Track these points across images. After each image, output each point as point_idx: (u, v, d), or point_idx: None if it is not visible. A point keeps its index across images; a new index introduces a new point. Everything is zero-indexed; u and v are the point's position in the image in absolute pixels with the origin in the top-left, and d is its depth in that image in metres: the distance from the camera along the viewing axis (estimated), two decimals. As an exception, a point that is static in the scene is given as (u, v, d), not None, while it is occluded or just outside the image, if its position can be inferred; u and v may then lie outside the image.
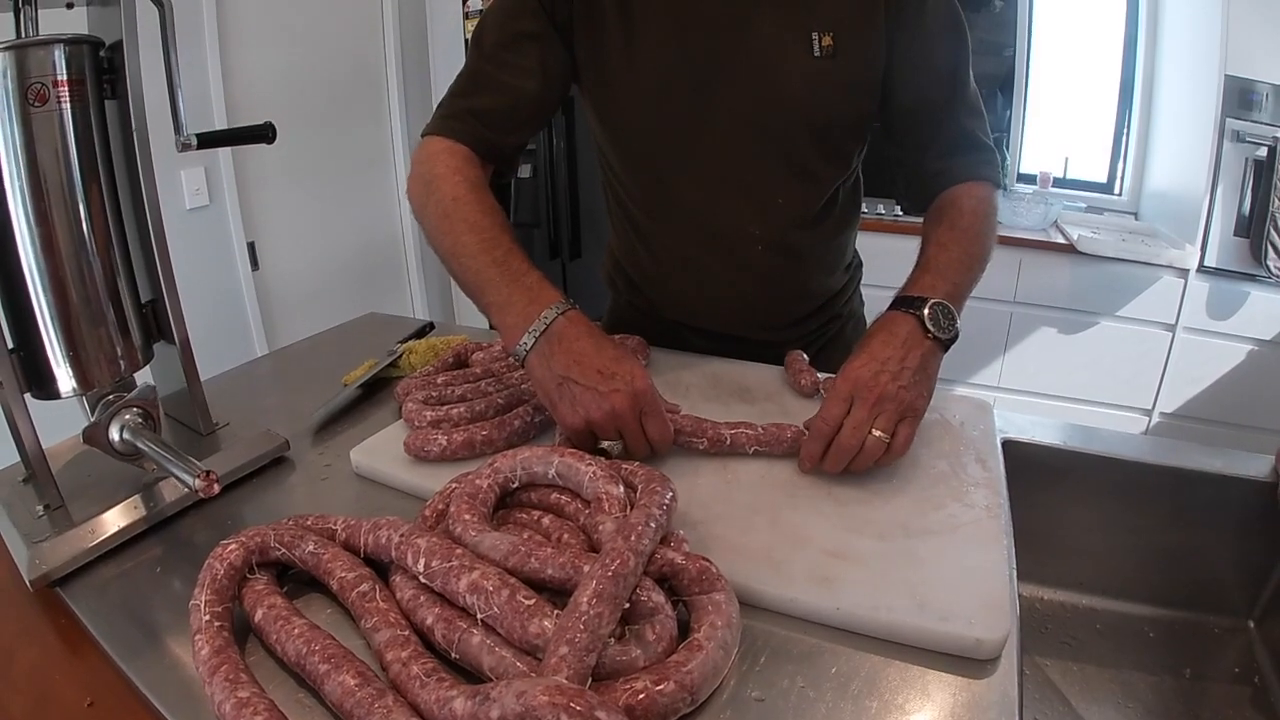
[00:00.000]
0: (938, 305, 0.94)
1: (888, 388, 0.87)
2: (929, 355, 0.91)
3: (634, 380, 0.85)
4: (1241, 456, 1.04)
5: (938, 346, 0.93)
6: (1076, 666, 1.03)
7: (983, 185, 1.12)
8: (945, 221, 1.07)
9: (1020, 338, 3.17)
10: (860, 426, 0.85)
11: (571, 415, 0.86)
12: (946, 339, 0.93)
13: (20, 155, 0.78)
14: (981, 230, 1.07)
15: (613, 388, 0.84)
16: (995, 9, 3.35)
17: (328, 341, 1.44)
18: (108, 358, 0.88)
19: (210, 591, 0.64)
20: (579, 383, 0.85)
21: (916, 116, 1.13)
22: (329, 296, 3.47)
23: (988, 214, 1.10)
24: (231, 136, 1.04)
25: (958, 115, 1.12)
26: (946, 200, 1.11)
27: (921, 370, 0.90)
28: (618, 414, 0.84)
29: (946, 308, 0.94)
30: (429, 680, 0.54)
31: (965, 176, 1.12)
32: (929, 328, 0.92)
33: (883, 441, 0.85)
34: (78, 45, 0.81)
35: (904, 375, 0.88)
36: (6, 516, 0.83)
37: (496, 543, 0.65)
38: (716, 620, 0.60)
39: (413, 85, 3.76)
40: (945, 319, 0.93)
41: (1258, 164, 2.73)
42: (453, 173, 1.02)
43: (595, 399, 0.84)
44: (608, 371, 0.85)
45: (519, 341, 0.89)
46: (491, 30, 1.10)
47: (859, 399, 0.86)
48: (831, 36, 1.05)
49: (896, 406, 0.86)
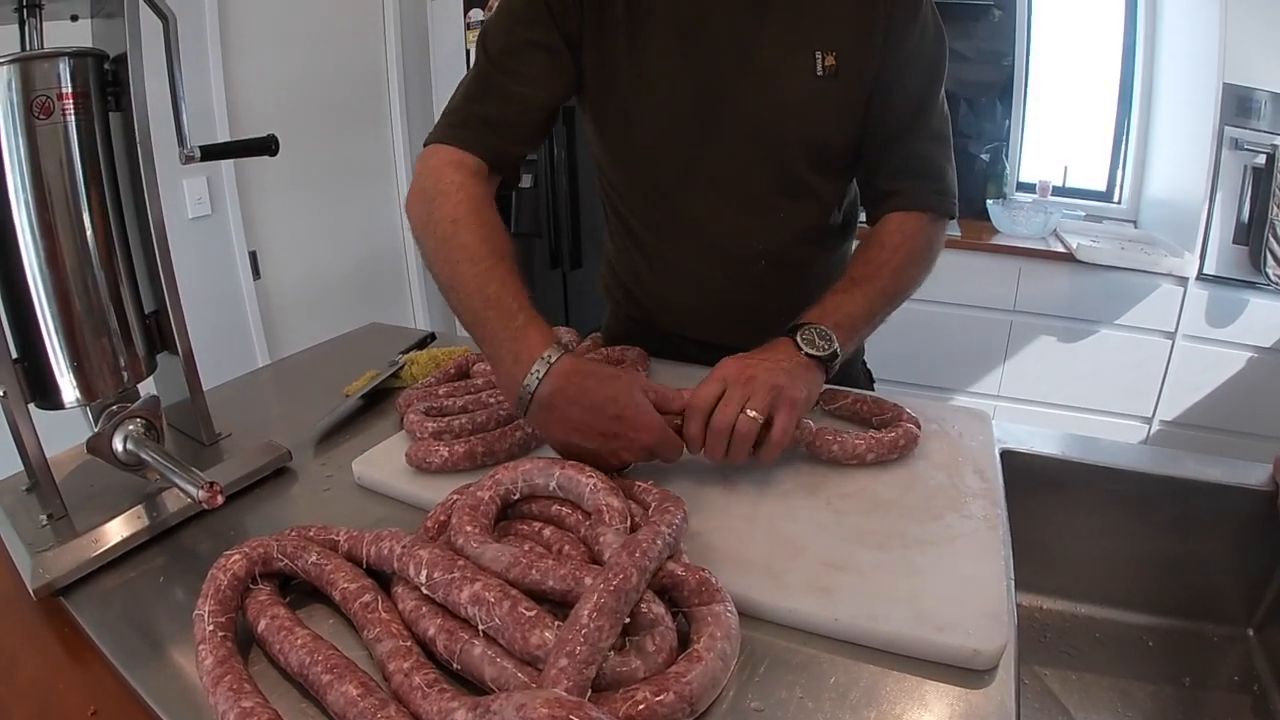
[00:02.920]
0: (812, 328, 0.96)
1: (758, 374, 0.88)
2: (803, 365, 0.93)
3: (639, 433, 0.85)
4: (1240, 465, 1.05)
5: (813, 362, 0.94)
6: (1076, 676, 1.03)
7: (918, 216, 1.13)
8: (865, 257, 1.10)
9: (1020, 346, 3.17)
10: (731, 404, 0.85)
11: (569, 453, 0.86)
12: (821, 355, 0.94)
13: (25, 167, 0.78)
14: (903, 266, 1.08)
15: (619, 446, 0.85)
16: (994, 18, 3.36)
17: (329, 352, 1.45)
18: (111, 368, 0.88)
19: (214, 601, 0.65)
20: (585, 447, 0.84)
21: (875, 137, 1.13)
22: (330, 306, 3.47)
23: (915, 248, 1.11)
24: (235, 149, 1.04)
25: (915, 140, 1.12)
26: (876, 232, 1.13)
27: (794, 373, 0.91)
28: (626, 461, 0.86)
29: (823, 330, 0.96)
30: (431, 691, 0.55)
31: (907, 205, 1.13)
32: (800, 344, 0.94)
33: (756, 422, 0.84)
34: (82, 58, 0.82)
35: (776, 370, 0.89)
36: (10, 525, 0.83)
37: (498, 554, 0.66)
38: (716, 631, 0.61)
39: (414, 96, 3.76)
40: (821, 339, 0.95)
41: (1256, 171, 2.73)
42: (456, 189, 1.00)
43: (603, 460, 0.84)
44: (609, 432, 0.84)
45: (516, 399, 0.87)
46: (499, 35, 1.08)
47: (730, 381, 0.87)
48: (834, 56, 1.06)
49: (768, 391, 0.86)
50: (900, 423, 0.96)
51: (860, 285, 1.05)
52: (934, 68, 1.10)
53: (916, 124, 1.11)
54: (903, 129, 1.12)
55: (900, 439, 0.93)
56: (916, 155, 1.13)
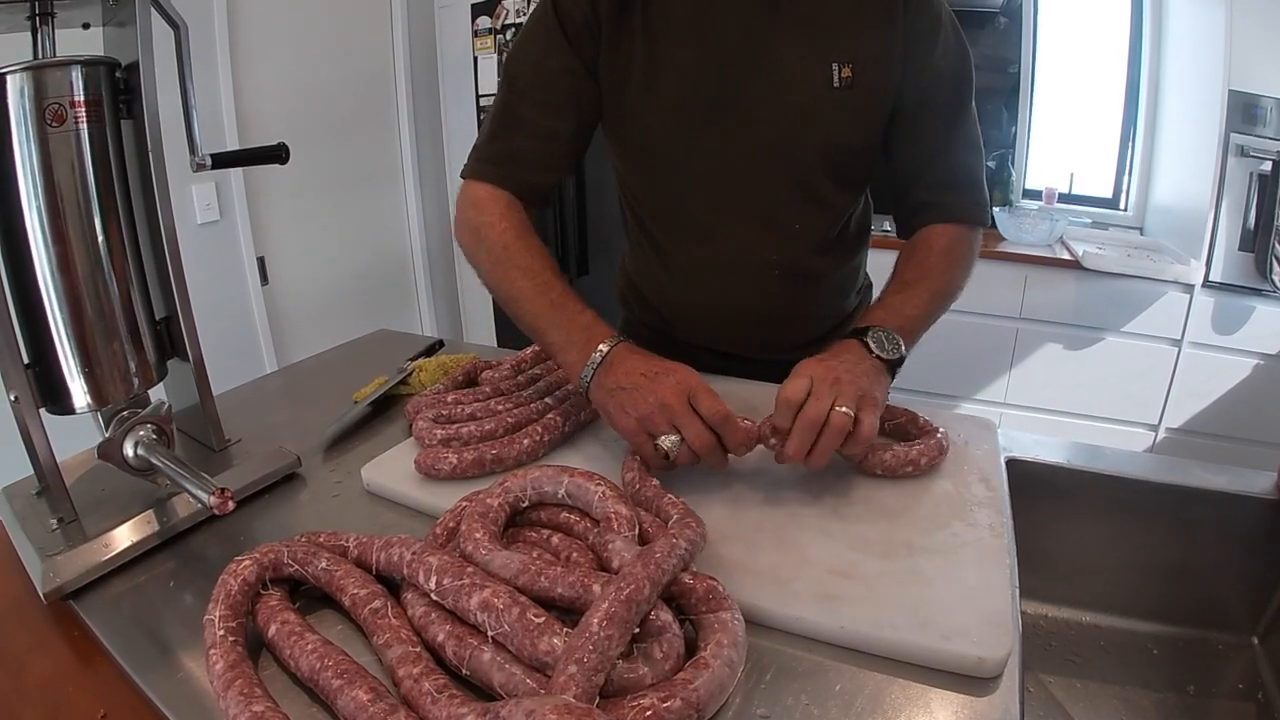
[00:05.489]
0: (880, 331, 0.98)
1: (842, 374, 0.89)
2: (876, 369, 0.94)
3: (677, 371, 0.90)
4: (1246, 473, 1.05)
5: (882, 365, 0.96)
6: (1080, 683, 1.03)
7: (961, 227, 1.15)
8: (913, 261, 1.12)
9: (1026, 354, 3.16)
10: (822, 399, 0.85)
11: (622, 418, 0.89)
12: (890, 359, 0.96)
13: (38, 174, 0.79)
14: (948, 270, 1.11)
15: (657, 383, 0.88)
16: (1000, 25, 3.37)
17: (338, 358, 1.45)
18: (122, 374, 0.89)
19: (224, 607, 0.65)
20: (626, 388, 0.89)
21: (911, 151, 1.15)
22: (338, 312, 3.48)
23: (959, 256, 1.13)
24: (246, 157, 1.05)
25: (954, 151, 1.14)
26: (920, 239, 1.15)
27: (871, 374, 0.92)
28: (665, 404, 0.86)
29: (890, 334, 0.98)
30: (440, 697, 0.55)
31: (949, 217, 1.15)
32: (872, 348, 0.96)
33: (847, 417, 0.85)
34: (94, 66, 0.83)
35: (857, 370, 0.91)
36: (21, 529, 0.84)
37: (507, 561, 0.66)
38: (723, 638, 0.61)
39: (422, 103, 3.78)
40: (889, 342, 0.97)
41: (1262, 178, 2.72)
42: (499, 220, 1.07)
43: (641, 396, 0.88)
44: (651, 372, 0.90)
45: (580, 374, 0.95)
46: (523, 66, 1.13)
47: (817, 379, 0.87)
48: (851, 68, 1.07)
49: (854, 389, 0.87)
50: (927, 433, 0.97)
51: (913, 287, 1.08)
52: (961, 78, 1.12)
53: (952, 135, 1.13)
54: (940, 141, 1.13)
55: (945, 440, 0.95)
56: (955, 166, 1.14)
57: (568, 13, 1.08)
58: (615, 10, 1.08)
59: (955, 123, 1.13)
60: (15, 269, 0.81)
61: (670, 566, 0.64)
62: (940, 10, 1.09)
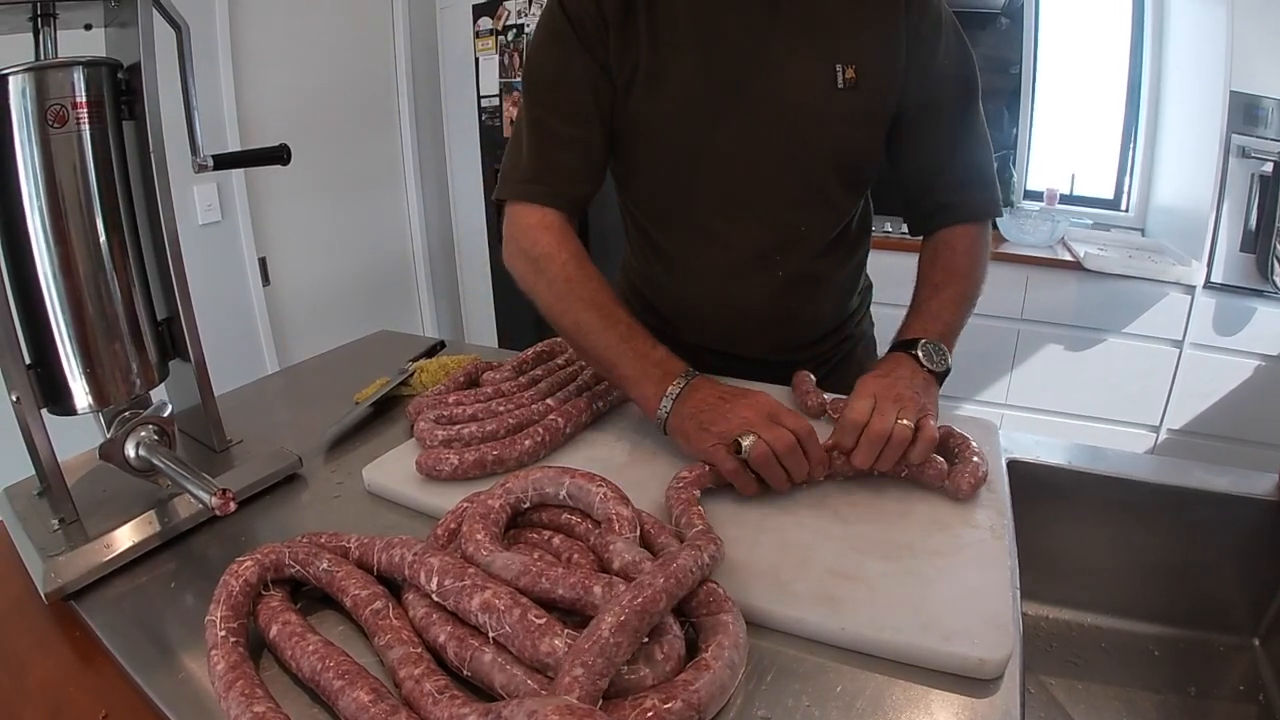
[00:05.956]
0: (929, 344, 1.03)
1: (903, 390, 0.94)
2: (928, 381, 1.00)
3: (758, 394, 0.93)
4: (1247, 475, 1.05)
5: (933, 377, 1.02)
6: (1081, 685, 1.03)
7: (978, 225, 1.17)
8: (940, 263, 1.15)
9: (1027, 355, 3.16)
10: (887, 415, 0.89)
11: (702, 437, 0.90)
12: (940, 371, 1.02)
13: (39, 175, 0.79)
14: (972, 269, 1.15)
15: (737, 403, 0.91)
16: (1002, 26, 3.37)
17: (339, 359, 1.45)
18: (123, 375, 0.89)
19: (226, 607, 0.65)
20: (705, 410, 0.92)
21: (926, 151, 1.16)
22: (339, 312, 3.49)
23: (979, 253, 1.17)
24: (247, 158, 1.05)
25: (966, 151, 1.15)
26: (942, 240, 1.17)
27: (925, 389, 0.98)
28: (745, 418, 0.88)
29: (938, 345, 1.04)
30: (441, 697, 0.55)
31: (968, 216, 1.17)
32: (923, 362, 1.01)
33: (909, 428, 0.88)
34: (96, 67, 0.83)
35: (915, 385, 0.96)
36: (22, 530, 0.84)
37: (508, 562, 0.66)
38: (724, 640, 0.61)
39: (424, 103, 3.78)
40: (937, 355, 1.03)
41: (1263, 179, 2.72)
42: (559, 249, 1.07)
43: (722, 414, 0.90)
44: (730, 395, 0.93)
45: (659, 407, 0.96)
46: (544, 77, 1.12)
47: (880, 397, 0.92)
48: (855, 69, 1.07)
49: (915, 405, 0.92)
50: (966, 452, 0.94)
51: (944, 290, 1.11)
52: (967, 78, 1.13)
53: (964, 135, 1.15)
54: (953, 142, 1.14)
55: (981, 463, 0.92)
56: (970, 165, 1.16)
57: (577, 15, 1.08)
58: (620, 14, 1.07)
59: (966, 123, 1.14)
60: (17, 269, 0.81)
61: (690, 582, 0.64)
62: (941, 12, 1.10)
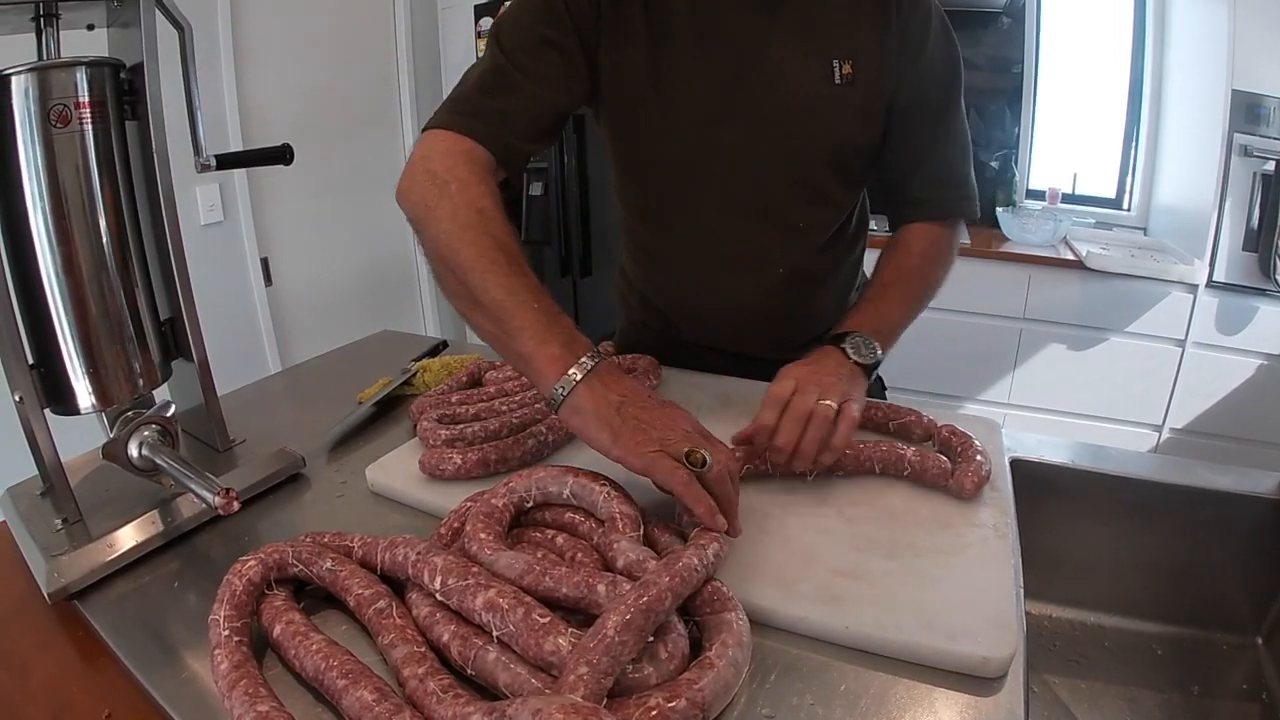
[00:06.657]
0: (858, 337, 1.01)
1: (825, 377, 0.93)
2: (854, 372, 0.98)
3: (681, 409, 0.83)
4: (1250, 474, 1.05)
5: (860, 370, 0.99)
6: (1084, 684, 1.03)
7: (942, 225, 1.17)
8: (893, 262, 1.15)
9: (1030, 354, 3.16)
10: (808, 395, 0.89)
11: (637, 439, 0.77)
12: (867, 364, 1.00)
13: (42, 175, 0.79)
14: (925, 269, 1.15)
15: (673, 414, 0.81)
16: (1003, 25, 3.36)
17: (342, 359, 1.45)
18: (126, 375, 0.89)
19: (229, 607, 0.65)
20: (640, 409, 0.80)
21: (902, 148, 1.15)
22: (342, 312, 3.48)
23: (937, 254, 1.16)
24: (250, 158, 1.05)
25: (941, 147, 1.14)
26: (901, 238, 1.17)
27: (851, 379, 0.96)
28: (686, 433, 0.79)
29: (868, 339, 1.02)
30: (445, 696, 0.55)
31: (935, 214, 1.16)
32: (850, 354, 0.99)
33: (831, 408, 0.87)
34: (99, 67, 0.83)
35: (839, 375, 0.95)
36: (25, 529, 0.84)
37: (511, 561, 0.66)
38: (728, 639, 0.61)
39: (425, 104, 3.77)
40: (866, 348, 1.01)
41: (1265, 178, 2.72)
42: (477, 180, 0.93)
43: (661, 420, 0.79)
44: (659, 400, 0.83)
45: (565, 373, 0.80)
46: (514, 30, 1.04)
47: (802, 380, 0.91)
48: (851, 65, 1.07)
49: (837, 390, 0.90)
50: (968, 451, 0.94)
51: (891, 290, 1.11)
52: (951, 75, 1.12)
53: (941, 132, 1.14)
54: (930, 138, 1.13)
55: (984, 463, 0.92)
56: (944, 162, 1.15)
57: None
58: (614, 9, 1.06)
59: (945, 120, 1.13)
60: (20, 270, 0.81)
61: (695, 581, 0.64)
62: (931, 8, 1.09)
